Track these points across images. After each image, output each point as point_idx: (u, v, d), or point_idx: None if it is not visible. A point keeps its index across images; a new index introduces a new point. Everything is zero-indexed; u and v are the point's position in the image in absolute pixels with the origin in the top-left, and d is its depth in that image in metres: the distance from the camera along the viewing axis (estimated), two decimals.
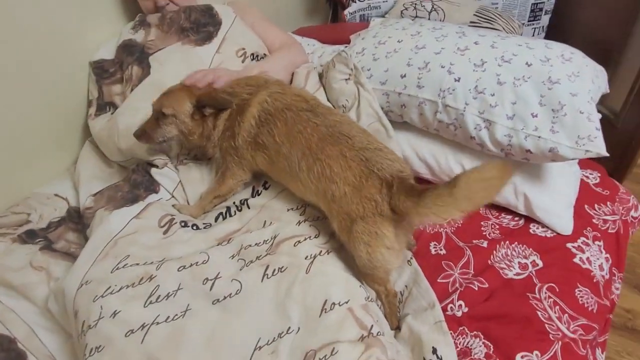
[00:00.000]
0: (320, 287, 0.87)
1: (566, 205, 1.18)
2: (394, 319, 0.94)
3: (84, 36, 1.30)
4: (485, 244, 1.11)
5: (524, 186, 1.17)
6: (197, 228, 1.02)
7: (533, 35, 2.14)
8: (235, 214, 1.06)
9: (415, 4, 1.72)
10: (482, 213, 1.22)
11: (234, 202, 1.08)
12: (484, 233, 1.16)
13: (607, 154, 1.03)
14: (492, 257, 1.08)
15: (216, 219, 1.06)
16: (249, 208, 1.06)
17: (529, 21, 2.08)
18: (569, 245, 1.11)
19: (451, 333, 0.91)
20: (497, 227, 1.18)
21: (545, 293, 0.99)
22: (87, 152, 1.31)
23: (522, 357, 0.88)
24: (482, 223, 1.19)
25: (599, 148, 1.03)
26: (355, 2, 1.86)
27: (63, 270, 1.02)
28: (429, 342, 0.87)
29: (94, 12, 1.32)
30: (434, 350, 0.86)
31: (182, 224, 1.01)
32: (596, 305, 1.01)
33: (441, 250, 1.12)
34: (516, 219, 1.20)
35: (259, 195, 1.08)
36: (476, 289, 1.01)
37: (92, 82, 1.33)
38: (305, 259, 0.91)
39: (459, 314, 0.96)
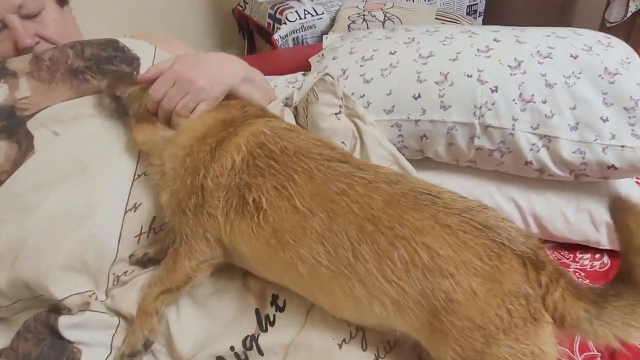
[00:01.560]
0: None
1: None
2: None
3: None
4: None
5: (602, 213, 0.88)
6: None
7: None
8: None
9: (364, 14, 1.42)
10: (556, 257, 0.91)
11: (231, 347, 0.61)
12: None
13: None
14: None
15: None
16: (262, 355, 0.60)
17: None
18: None
19: None
20: (583, 273, 0.87)
21: None
22: None
23: None
24: None
25: None
26: (285, 23, 1.51)
27: None
28: None
29: None
30: None
31: None
32: None
33: None
34: (597, 256, 0.91)
35: (272, 325, 0.63)
36: None
37: None
38: None
39: None
